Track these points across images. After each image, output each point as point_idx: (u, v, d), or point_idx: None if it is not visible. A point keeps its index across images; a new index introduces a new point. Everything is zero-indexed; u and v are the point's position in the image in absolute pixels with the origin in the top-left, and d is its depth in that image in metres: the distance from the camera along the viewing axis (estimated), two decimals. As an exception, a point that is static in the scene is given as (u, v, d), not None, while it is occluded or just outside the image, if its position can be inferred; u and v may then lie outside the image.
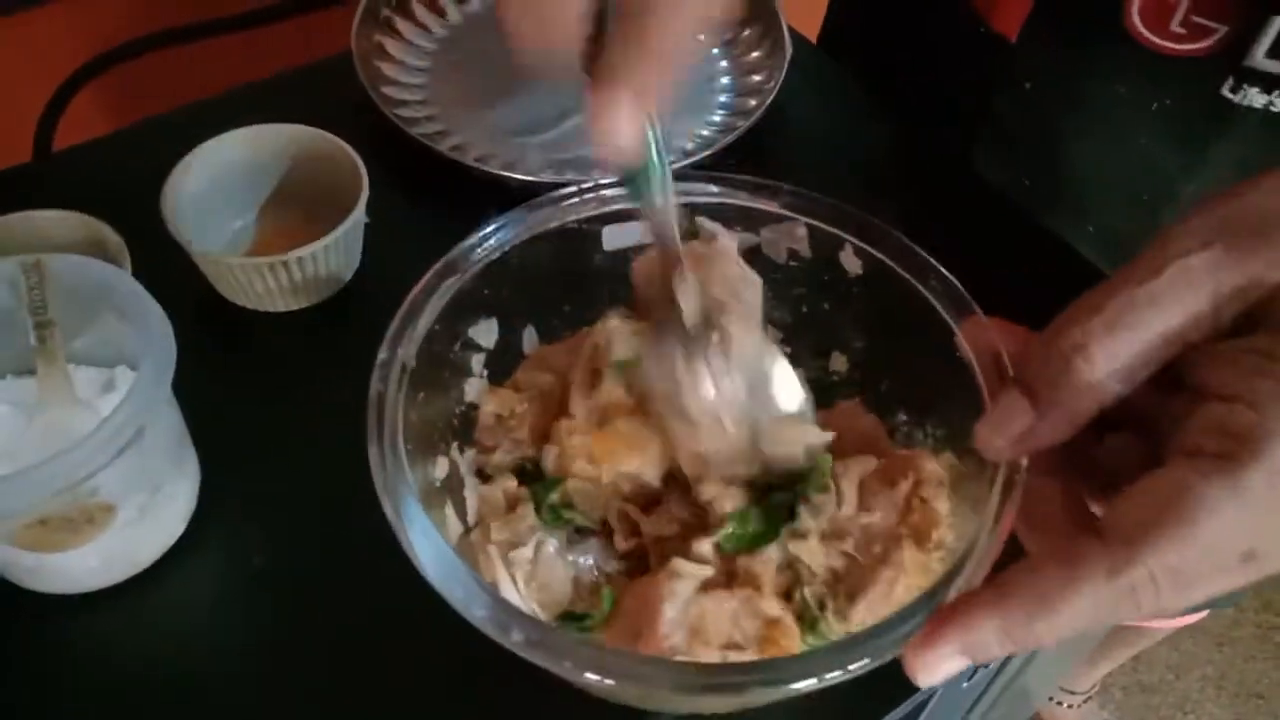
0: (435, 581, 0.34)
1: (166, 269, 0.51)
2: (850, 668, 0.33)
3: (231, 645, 0.46)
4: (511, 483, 0.43)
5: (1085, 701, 1.41)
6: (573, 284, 0.46)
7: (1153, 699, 1.48)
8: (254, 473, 0.51)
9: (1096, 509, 0.33)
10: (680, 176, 0.44)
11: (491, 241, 0.43)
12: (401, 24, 0.69)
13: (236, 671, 0.46)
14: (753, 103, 0.65)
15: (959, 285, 0.41)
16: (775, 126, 0.65)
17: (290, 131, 0.57)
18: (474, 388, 0.45)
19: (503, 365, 0.46)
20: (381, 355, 0.39)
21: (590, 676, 0.32)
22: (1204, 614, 1.05)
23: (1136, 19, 0.51)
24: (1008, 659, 0.58)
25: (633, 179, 0.37)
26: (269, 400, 0.53)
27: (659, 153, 0.36)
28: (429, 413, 0.41)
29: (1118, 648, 1.23)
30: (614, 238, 0.45)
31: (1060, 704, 1.39)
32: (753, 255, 0.45)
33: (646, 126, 0.34)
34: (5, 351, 0.47)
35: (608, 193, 0.44)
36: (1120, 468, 0.32)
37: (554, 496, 0.42)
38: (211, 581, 0.48)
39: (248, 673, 0.46)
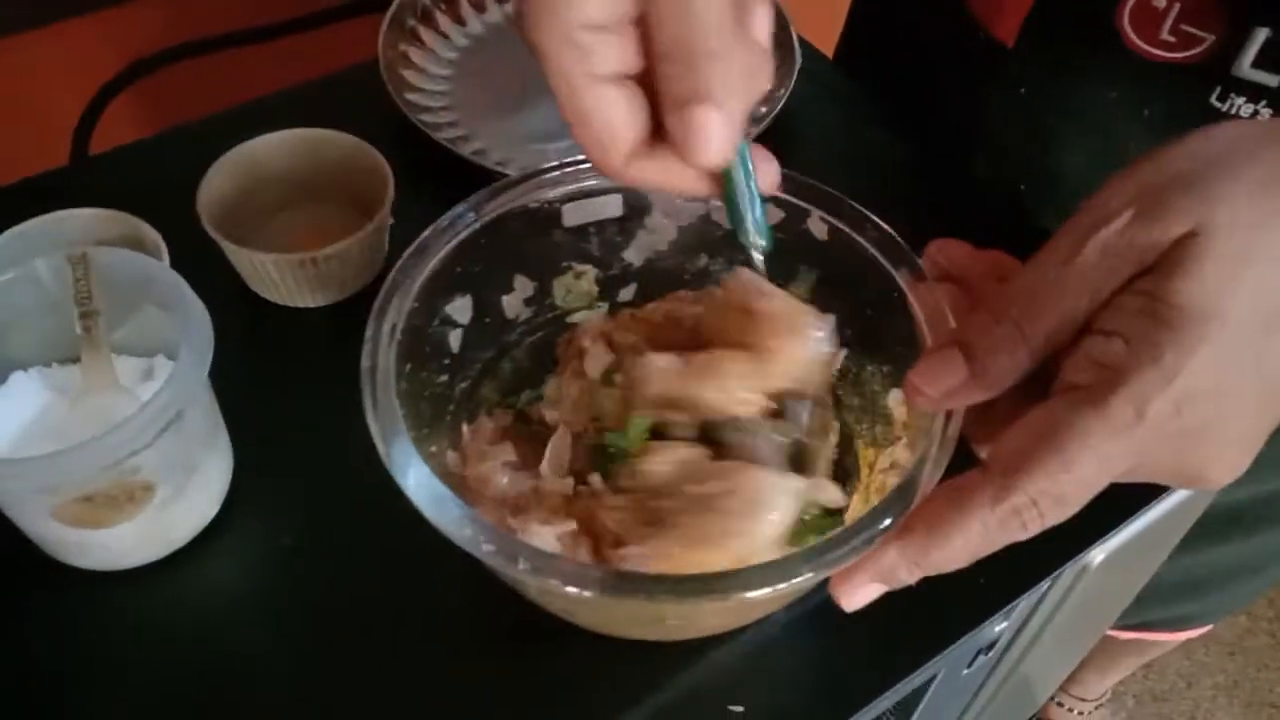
0: (424, 507, 0.38)
1: (201, 265, 0.53)
2: (796, 581, 0.36)
3: (262, 621, 0.49)
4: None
5: (1097, 709, 1.41)
6: (535, 259, 0.50)
7: (1164, 707, 1.48)
8: (284, 457, 0.53)
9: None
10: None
11: (462, 222, 0.46)
12: (426, 34, 0.72)
13: (267, 646, 0.48)
14: (763, 110, 0.68)
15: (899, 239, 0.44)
16: (785, 133, 0.67)
17: (320, 136, 0.59)
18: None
19: (479, 340, 0.50)
20: (369, 330, 0.43)
21: (570, 590, 0.36)
22: (1207, 628, 1.05)
23: (1128, 26, 0.52)
24: (1011, 642, 0.60)
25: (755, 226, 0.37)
26: (298, 388, 0.55)
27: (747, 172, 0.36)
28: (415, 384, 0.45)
29: (1129, 656, 1.24)
30: (574, 214, 0.49)
31: (1071, 711, 1.39)
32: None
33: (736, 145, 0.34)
34: (52, 340, 0.50)
35: (563, 173, 0.47)
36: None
37: None
38: (243, 560, 0.50)
39: (277, 648, 0.48)
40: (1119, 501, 0.54)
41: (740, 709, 0.46)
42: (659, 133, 0.33)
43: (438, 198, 0.65)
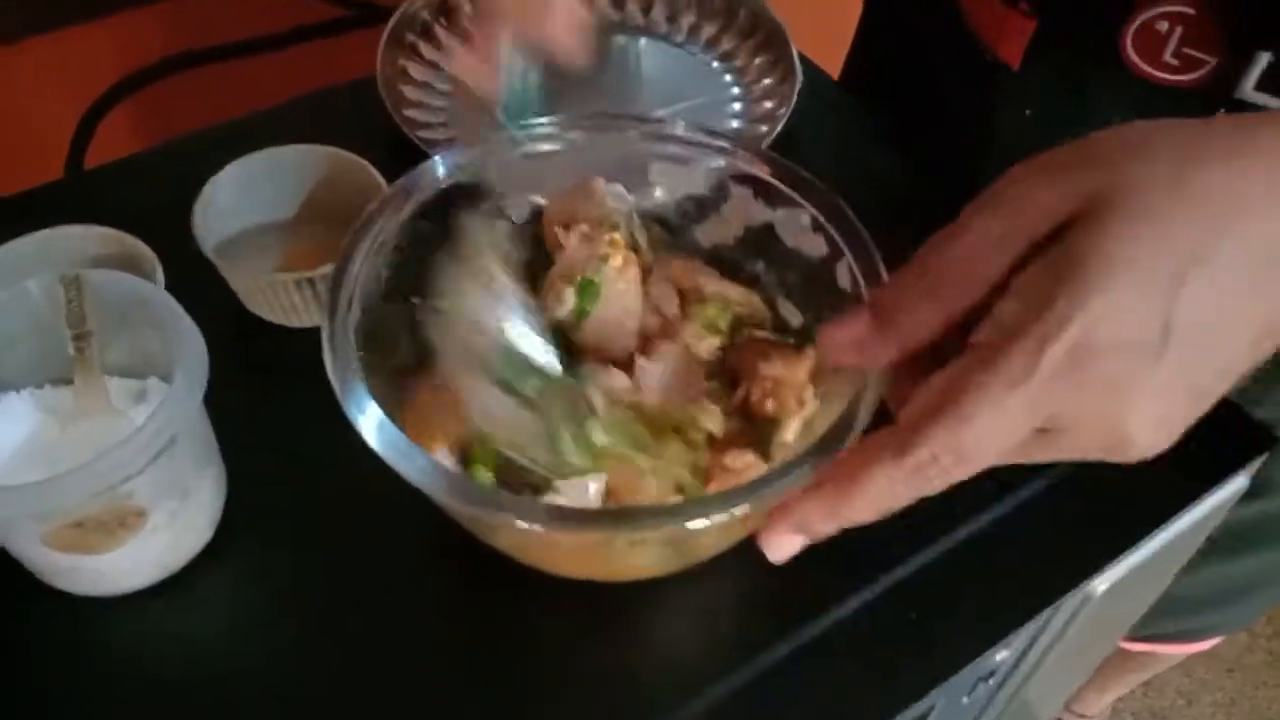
0: (378, 446, 0.39)
1: (197, 283, 0.53)
2: (734, 512, 0.38)
3: (255, 648, 0.48)
4: None
5: (1095, 726, 1.41)
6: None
7: (1163, 724, 1.48)
8: (278, 481, 0.52)
9: None
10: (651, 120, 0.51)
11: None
12: (425, 49, 0.71)
13: (259, 672, 0.47)
14: (764, 128, 0.67)
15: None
16: (786, 152, 0.66)
17: (317, 152, 0.59)
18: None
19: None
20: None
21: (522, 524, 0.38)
22: (1217, 640, 1.05)
23: (1131, 49, 0.52)
24: (1013, 669, 0.59)
25: (505, 109, 0.47)
26: (293, 411, 0.55)
27: (520, 82, 0.45)
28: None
29: (1128, 673, 1.23)
30: None
31: (1070, 728, 1.39)
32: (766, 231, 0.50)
33: (502, 66, 0.45)
34: (44, 361, 0.49)
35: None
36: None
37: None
38: (236, 586, 0.50)
39: (270, 674, 0.47)
40: (1121, 528, 0.54)
41: (739, 740, 0.46)
42: None
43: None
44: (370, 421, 0.40)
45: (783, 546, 0.35)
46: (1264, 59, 0.49)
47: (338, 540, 0.50)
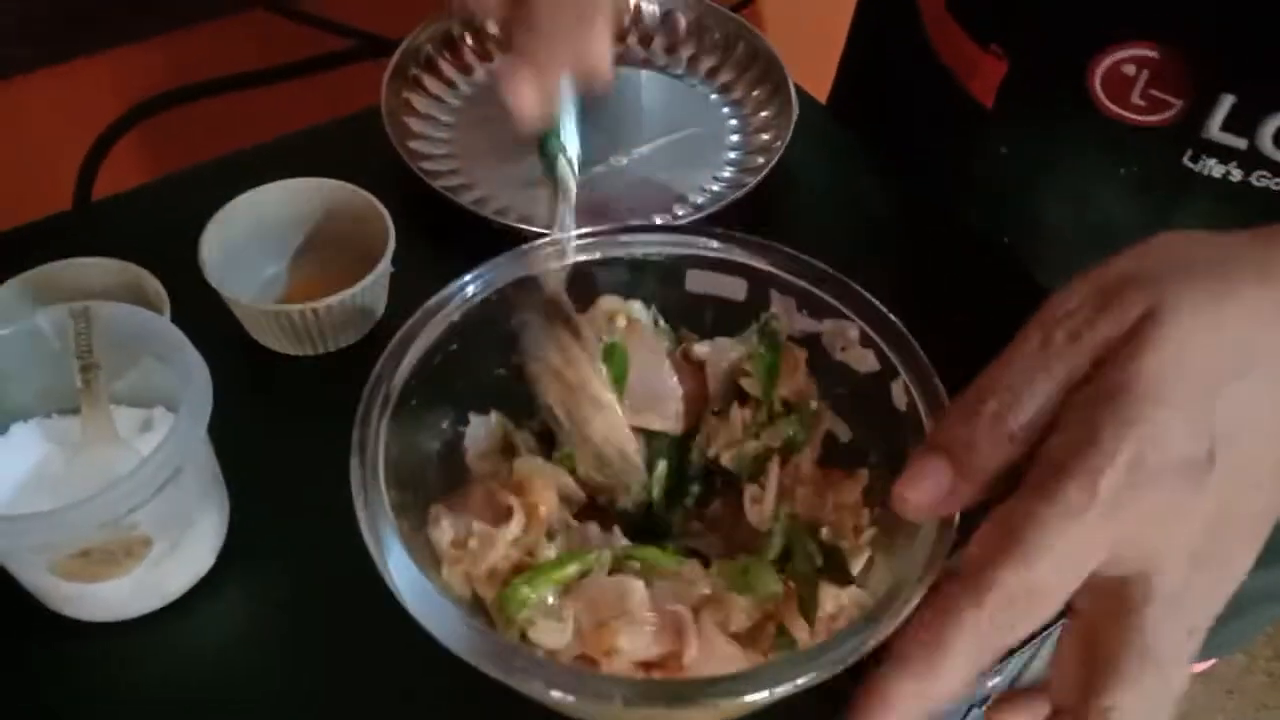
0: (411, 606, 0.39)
1: (203, 312, 0.54)
2: (799, 682, 0.35)
3: (255, 675, 0.49)
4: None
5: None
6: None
7: (1162, 748, 1.47)
8: (281, 509, 0.53)
9: None
10: (686, 229, 0.49)
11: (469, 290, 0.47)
12: (429, 81, 0.72)
13: (257, 699, 0.48)
14: (760, 160, 0.68)
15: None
16: (782, 183, 0.67)
17: (322, 185, 0.60)
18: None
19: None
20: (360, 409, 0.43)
21: (554, 694, 0.36)
22: (1213, 661, 1.05)
23: (1099, 90, 0.53)
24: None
25: (545, 144, 0.47)
26: (297, 439, 0.56)
27: (566, 117, 0.45)
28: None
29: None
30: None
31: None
32: (812, 342, 0.48)
33: (553, 97, 0.45)
34: (52, 391, 0.50)
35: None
36: None
37: None
38: (237, 613, 0.50)
39: (269, 702, 0.48)
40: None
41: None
42: None
43: (437, 246, 0.66)
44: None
45: None
46: (1228, 101, 0.50)
47: (338, 569, 0.51)
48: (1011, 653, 0.50)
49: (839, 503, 0.46)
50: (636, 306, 0.50)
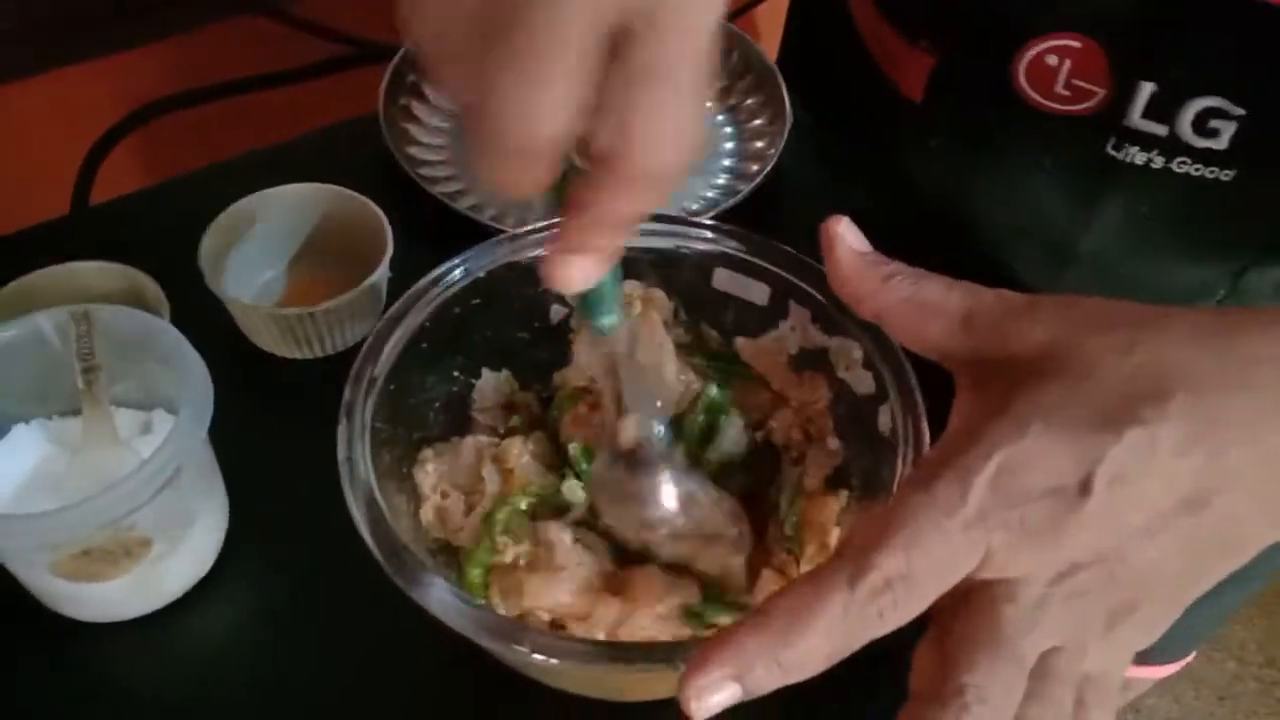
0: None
1: (202, 316, 0.54)
2: None
3: (253, 675, 0.49)
4: None
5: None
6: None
7: (1153, 753, 1.48)
8: (280, 510, 0.53)
9: None
10: (722, 229, 0.50)
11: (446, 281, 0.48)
12: (427, 88, 0.73)
13: (256, 699, 0.48)
14: (754, 168, 0.69)
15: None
16: (776, 191, 0.68)
17: (321, 191, 0.60)
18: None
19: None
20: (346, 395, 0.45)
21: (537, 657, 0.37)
22: (1188, 659, 1.05)
23: (1024, 81, 0.54)
24: None
25: (584, 302, 0.39)
26: (296, 442, 0.56)
27: (612, 284, 0.38)
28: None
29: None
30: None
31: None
32: (818, 357, 0.49)
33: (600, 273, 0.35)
34: (53, 393, 0.50)
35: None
36: None
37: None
38: (236, 613, 0.51)
39: (268, 700, 0.48)
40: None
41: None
42: None
43: (434, 251, 0.66)
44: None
45: (713, 698, 0.30)
46: (1148, 89, 0.51)
47: (337, 570, 0.51)
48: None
49: (813, 519, 0.47)
50: (659, 295, 0.50)
